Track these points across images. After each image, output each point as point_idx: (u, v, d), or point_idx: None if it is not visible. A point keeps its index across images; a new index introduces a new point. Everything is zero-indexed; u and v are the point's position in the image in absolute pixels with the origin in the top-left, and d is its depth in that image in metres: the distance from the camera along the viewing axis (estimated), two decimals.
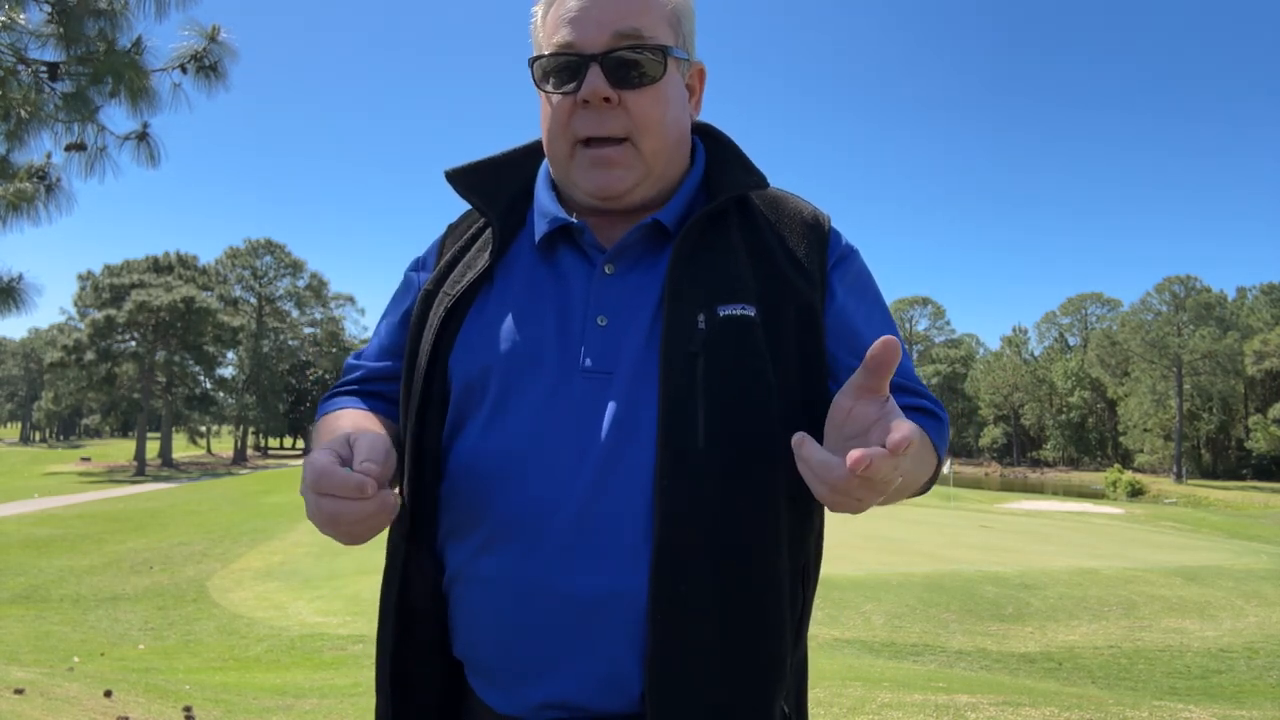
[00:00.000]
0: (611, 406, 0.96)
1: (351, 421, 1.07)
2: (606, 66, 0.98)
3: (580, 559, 0.92)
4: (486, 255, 1.07)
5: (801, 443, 0.79)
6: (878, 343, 0.79)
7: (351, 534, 0.87)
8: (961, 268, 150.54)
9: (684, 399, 0.94)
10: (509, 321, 1.02)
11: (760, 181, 1.09)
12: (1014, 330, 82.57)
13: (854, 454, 0.73)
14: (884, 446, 0.74)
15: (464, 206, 1.18)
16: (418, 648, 1.02)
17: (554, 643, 0.93)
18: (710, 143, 1.14)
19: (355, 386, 1.20)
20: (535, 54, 1.05)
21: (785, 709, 0.98)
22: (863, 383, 0.82)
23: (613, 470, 0.94)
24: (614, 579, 0.92)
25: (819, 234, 1.09)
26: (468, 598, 0.99)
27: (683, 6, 1.06)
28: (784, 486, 0.96)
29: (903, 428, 0.75)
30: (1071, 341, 78.82)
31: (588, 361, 0.98)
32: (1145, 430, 62.53)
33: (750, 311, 0.98)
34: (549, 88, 1.03)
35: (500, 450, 0.98)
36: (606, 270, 1.03)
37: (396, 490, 0.87)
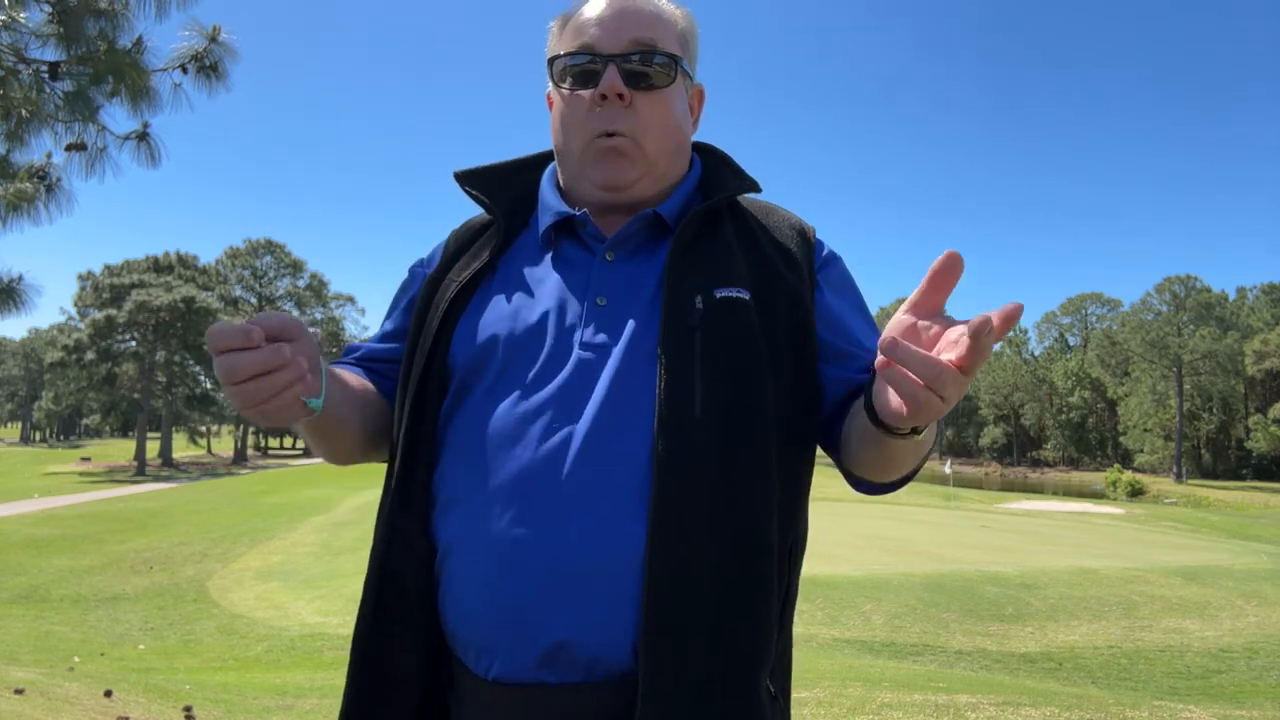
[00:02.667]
0: (609, 377, 1.00)
1: None
2: (623, 68, 1.07)
3: (578, 520, 0.95)
4: (491, 248, 1.14)
5: (894, 343, 0.78)
6: (942, 257, 0.82)
7: (257, 395, 0.85)
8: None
9: (682, 371, 0.98)
10: (512, 303, 1.08)
11: (752, 185, 1.18)
12: (1014, 330, 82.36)
13: (975, 320, 0.75)
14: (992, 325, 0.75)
15: (464, 209, 1.24)
16: (399, 620, 1.03)
17: (548, 602, 0.94)
18: (706, 155, 1.23)
19: (352, 361, 1.23)
20: (554, 54, 1.13)
21: (771, 687, 1.00)
22: (924, 300, 0.84)
23: (611, 436, 0.98)
24: (612, 539, 0.95)
25: (805, 239, 1.17)
26: (463, 565, 1.00)
27: (689, 31, 1.16)
28: (776, 459, 1.01)
29: (1011, 305, 0.76)
30: (1071, 341, 78.85)
31: (586, 337, 1.03)
32: (1145, 430, 62.54)
33: (744, 295, 1.05)
34: (566, 87, 1.11)
35: (500, 420, 1.01)
36: (607, 257, 1.09)
37: (304, 360, 0.87)
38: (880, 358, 0.80)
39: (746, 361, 1.01)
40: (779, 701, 1.02)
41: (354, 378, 1.15)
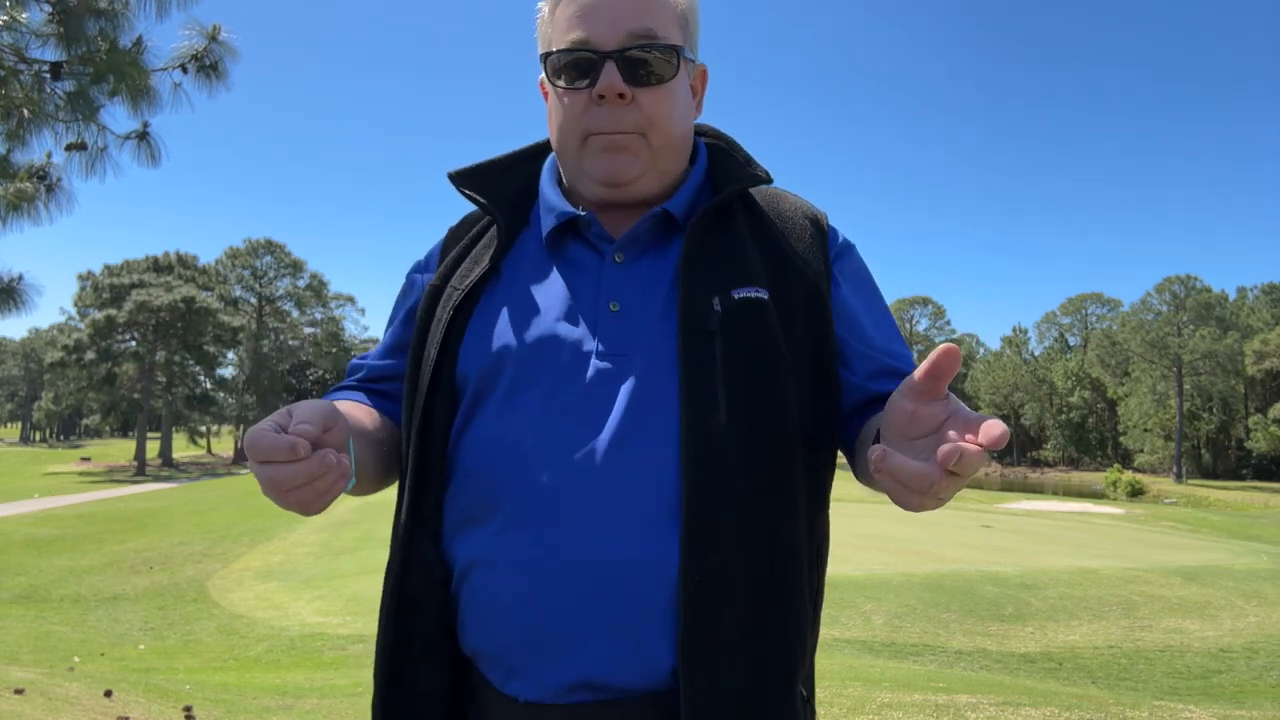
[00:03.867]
0: (629, 385, 0.96)
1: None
2: (622, 64, 1.01)
3: (605, 532, 0.92)
4: (493, 251, 1.08)
5: (884, 456, 0.77)
6: (940, 350, 0.79)
7: (301, 501, 0.84)
8: (961, 268, 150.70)
9: (704, 376, 0.95)
10: (520, 312, 1.03)
11: (764, 176, 1.12)
12: (1014, 330, 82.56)
13: (944, 449, 0.74)
14: (976, 443, 0.75)
15: (463, 207, 1.18)
16: (419, 642, 1.00)
17: (580, 619, 0.92)
18: (712, 142, 1.17)
19: (356, 384, 1.19)
20: (546, 49, 1.06)
21: (804, 691, 0.98)
22: (924, 388, 0.82)
23: (633, 444, 0.94)
24: (641, 550, 0.92)
25: (819, 228, 1.12)
26: (486, 583, 0.97)
27: (690, 9, 1.09)
28: (801, 462, 0.98)
29: (997, 425, 0.75)
30: (1071, 341, 78.79)
31: (602, 345, 0.99)
32: (1145, 430, 62.49)
33: (763, 294, 1.01)
34: (562, 84, 1.04)
35: (516, 433, 0.97)
36: (617, 259, 1.04)
37: (343, 455, 0.85)
38: (872, 463, 0.79)
39: (769, 364, 0.98)
40: (809, 703, 1.01)
41: (366, 415, 1.10)
